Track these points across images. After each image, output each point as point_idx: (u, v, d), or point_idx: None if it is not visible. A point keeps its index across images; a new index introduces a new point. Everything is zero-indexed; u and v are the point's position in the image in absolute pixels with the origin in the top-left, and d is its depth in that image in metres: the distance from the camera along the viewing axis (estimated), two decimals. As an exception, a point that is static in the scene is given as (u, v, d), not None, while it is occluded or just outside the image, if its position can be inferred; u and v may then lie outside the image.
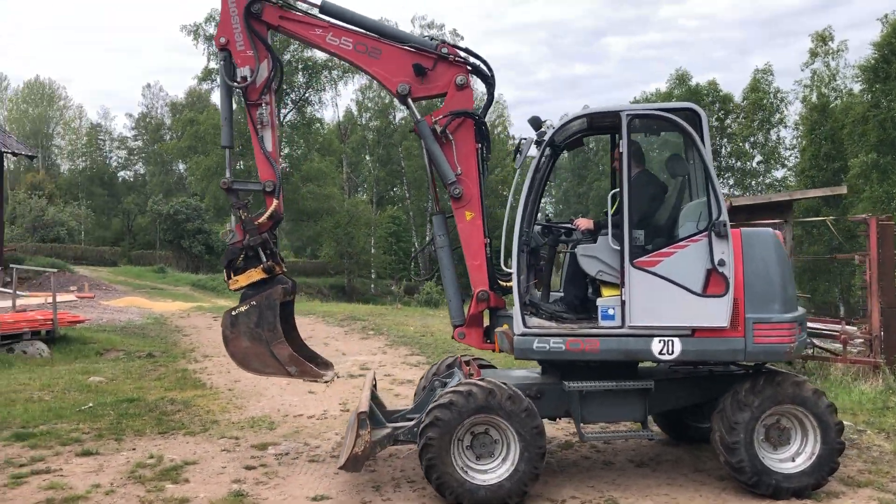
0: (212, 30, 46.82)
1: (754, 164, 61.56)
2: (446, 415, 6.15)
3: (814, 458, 6.36)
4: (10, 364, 12.62)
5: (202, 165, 48.76)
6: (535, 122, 6.55)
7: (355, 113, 62.52)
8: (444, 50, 6.89)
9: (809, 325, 13.09)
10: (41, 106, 76.96)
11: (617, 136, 6.48)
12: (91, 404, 9.93)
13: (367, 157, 62.78)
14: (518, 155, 6.64)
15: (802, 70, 52.36)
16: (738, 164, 62.46)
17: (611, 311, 6.30)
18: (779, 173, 59.43)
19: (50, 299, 17.27)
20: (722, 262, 6.10)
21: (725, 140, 62.89)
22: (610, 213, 6.35)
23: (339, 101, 57.75)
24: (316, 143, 51.85)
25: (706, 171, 6.15)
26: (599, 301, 6.38)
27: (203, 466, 7.35)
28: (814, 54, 47.77)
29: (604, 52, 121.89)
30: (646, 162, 6.80)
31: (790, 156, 56.78)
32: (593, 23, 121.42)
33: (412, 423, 6.71)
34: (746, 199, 25.71)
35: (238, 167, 37.57)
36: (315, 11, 7.11)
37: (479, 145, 6.83)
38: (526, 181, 6.45)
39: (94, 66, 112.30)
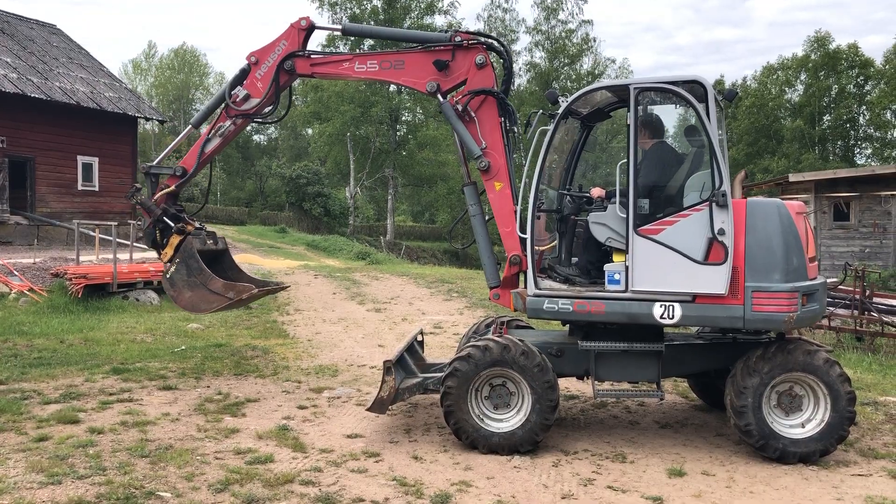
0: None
1: (895, 134, 57.93)
2: (464, 366, 6.68)
3: (823, 424, 6.48)
4: (123, 310, 14.08)
5: (325, 132, 50.60)
6: (552, 97, 6.88)
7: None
8: (458, 38, 7.42)
9: None
10: (184, 72, 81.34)
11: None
12: (183, 347, 11.07)
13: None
14: (528, 127, 7.00)
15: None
16: (878, 133, 58.95)
17: (616, 276, 6.61)
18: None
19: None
20: (722, 231, 6.27)
21: (864, 108, 59.40)
22: (618, 182, 6.63)
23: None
24: (433, 111, 52.61)
25: (709, 142, 6.33)
26: (606, 266, 6.69)
27: (262, 404, 8.20)
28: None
29: (750, 15, 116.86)
30: (664, 133, 7.00)
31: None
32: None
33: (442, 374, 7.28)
34: (845, 171, 24.70)
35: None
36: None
37: (503, 119, 7.24)
38: (541, 153, 6.79)
39: (240, 37, 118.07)
